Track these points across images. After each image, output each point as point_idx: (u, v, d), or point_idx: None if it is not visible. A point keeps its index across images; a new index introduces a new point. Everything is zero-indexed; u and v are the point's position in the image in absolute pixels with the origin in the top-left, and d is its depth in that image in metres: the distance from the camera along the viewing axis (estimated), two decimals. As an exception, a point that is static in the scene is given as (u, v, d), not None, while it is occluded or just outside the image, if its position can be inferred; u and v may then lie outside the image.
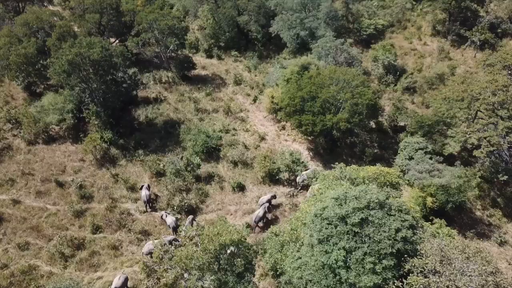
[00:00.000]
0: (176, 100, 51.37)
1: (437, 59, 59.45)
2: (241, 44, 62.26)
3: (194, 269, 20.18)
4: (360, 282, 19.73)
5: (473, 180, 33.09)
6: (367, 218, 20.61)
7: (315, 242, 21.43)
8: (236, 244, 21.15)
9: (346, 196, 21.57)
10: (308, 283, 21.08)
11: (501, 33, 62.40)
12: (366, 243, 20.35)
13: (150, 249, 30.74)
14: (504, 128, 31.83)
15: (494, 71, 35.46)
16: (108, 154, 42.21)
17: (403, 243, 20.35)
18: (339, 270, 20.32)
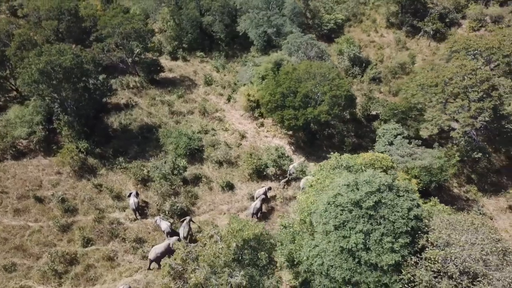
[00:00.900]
0: (148, 104, 50.46)
1: (395, 50, 62.54)
2: (205, 45, 62.05)
3: (220, 266, 20.24)
4: (382, 261, 20.72)
5: (453, 159, 35.39)
6: (380, 200, 21.64)
7: (331, 229, 22.15)
8: (258, 237, 21.45)
9: (356, 182, 22.48)
10: (330, 268, 21.78)
11: (449, 22, 66.61)
12: (382, 224, 21.37)
13: (157, 254, 30.29)
14: (476, 109, 34.32)
15: (460, 57, 38.06)
16: (86, 165, 40.81)
17: (416, 221, 21.59)
18: (359, 253, 21.18)
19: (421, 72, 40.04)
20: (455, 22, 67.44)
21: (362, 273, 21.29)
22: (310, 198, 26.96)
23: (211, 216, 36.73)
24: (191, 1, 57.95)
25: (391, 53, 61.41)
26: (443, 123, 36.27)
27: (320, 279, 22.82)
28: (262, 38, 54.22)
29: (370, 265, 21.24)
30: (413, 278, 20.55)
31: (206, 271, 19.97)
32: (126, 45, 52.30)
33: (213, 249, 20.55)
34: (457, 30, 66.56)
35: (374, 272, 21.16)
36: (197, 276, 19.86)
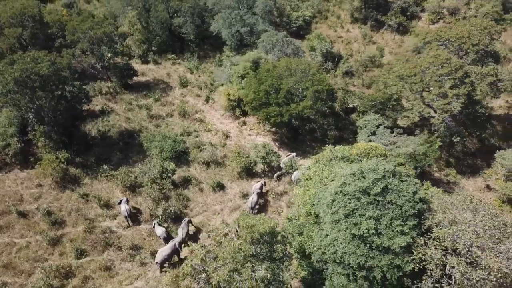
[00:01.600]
0: (125, 109, 49.43)
1: (363, 44, 64.55)
2: (176, 47, 61.40)
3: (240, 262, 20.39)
4: (394, 244, 21.60)
5: (435, 145, 37.17)
6: (386, 186, 22.53)
7: (341, 217, 22.82)
8: (272, 231, 21.76)
9: (362, 170, 23.27)
10: (344, 255, 22.45)
11: (410, 15, 69.57)
12: (390, 209, 22.27)
13: (164, 256, 30.00)
14: (453, 95, 36.22)
15: (433, 47, 39.98)
16: (68, 175, 39.52)
17: (421, 204, 22.66)
18: (371, 238, 21.96)
19: (398, 64, 41.72)
20: (415, 15, 70.56)
21: (374, 257, 22.10)
22: (311, 190, 27.56)
23: (205, 217, 36.65)
24: (160, 3, 57.17)
25: (359, 48, 63.30)
26: (423, 111, 38.02)
27: (333, 267, 23.46)
28: (235, 37, 54.39)
29: (382, 249, 22.07)
30: (424, 257, 21.58)
31: (229, 268, 20.08)
32: (96, 50, 50.92)
33: (232, 246, 20.66)
34: (418, 23, 69.72)
35: (386, 255, 22.03)
36: (220, 274, 19.91)
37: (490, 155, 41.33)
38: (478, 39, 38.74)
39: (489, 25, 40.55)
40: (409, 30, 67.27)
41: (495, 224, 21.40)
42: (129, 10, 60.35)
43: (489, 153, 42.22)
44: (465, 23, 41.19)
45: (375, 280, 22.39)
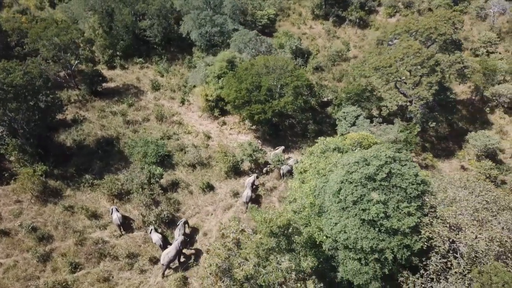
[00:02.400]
0: (98, 117, 48.03)
1: (327, 39, 66.29)
2: (141, 50, 60.29)
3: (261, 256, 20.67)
4: (403, 225, 22.69)
5: (414, 131, 39.03)
6: (390, 171, 23.60)
7: (349, 204, 23.65)
8: (289, 223, 22.18)
9: (365, 158, 24.21)
10: (356, 240, 23.28)
11: (368, 10, 72.28)
12: (395, 192, 23.37)
13: (170, 258, 29.68)
14: (427, 83, 38.25)
15: (403, 39, 41.93)
16: (48, 188, 37.95)
17: (423, 185, 23.93)
18: (381, 222, 22.93)
19: (371, 56, 43.35)
20: (372, 9, 73.39)
21: (384, 239, 23.10)
22: (311, 182, 28.25)
23: (199, 219, 36.46)
24: (125, 7, 55.88)
25: (324, 43, 64.97)
26: (401, 99, 39.86)
27: (345, 253, 24.26)
28: (205, 38, 54.22)
29: (391, 231, 23.12)
30: (431, 235, 22.83)
31: (254, 262, 20.30)
32: (62, 58, 49.11)
33: (253, 241, 20.86)
34: (376, 17, 72.60)
35: (395, 236, 23.09)
36: (246, 269, 20.08)
37: (460, 138, 43.96)
38: (444, 29, 41.13)
39: (452, 16, 43.18)
40: (369, 24, 69.85)
41: (491, 198, 23.05)
42: (90, 14, 58.54)
43: (459, 136, 44.91)
44: (431, 15, 43.56)
45: (386, 262, 23.39)
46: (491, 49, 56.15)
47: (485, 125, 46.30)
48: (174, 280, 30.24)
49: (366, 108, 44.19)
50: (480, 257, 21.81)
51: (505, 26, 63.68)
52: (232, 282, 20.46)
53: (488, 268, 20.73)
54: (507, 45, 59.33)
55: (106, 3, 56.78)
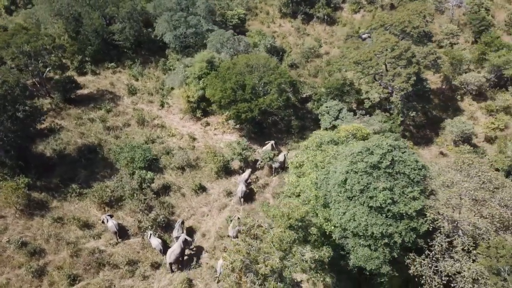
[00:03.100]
0: (76, 124, 46.61)
1: (298, 37, 67.42)
2: (112, 55, 58.89)
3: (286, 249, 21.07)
4: (410, 209, 23.77)
5: (397, 121, 40.63)
6: (393, 159, 24.63)
7: (356, 193, 24.48)
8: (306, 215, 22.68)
9: (368, 147, 25.11)
10: (367, 227, 24.12)
11: (334, 7, 74.10)
12: (399, 179, 24.42)
13: (176, 255, 30.08)
14: (407, 74, 39.97)
15: (379, 33, 43.53)
16: (33, 201, 36.55)
17: (424, 170, 25.14)
18: (388, 207, 23.90)
19: (349, 51, 44.64)
20: (338, 6, 75.32)
21: (392, 224, 24.09)
22: (312, 174, 28.91)
23: (195, 221, 36.32)
24: (94, 11, 54.43)
25: (295, 41, 66.01)
26: (382, 91, 41.39)
27: (355, 241, 25.06)
28: (180, 39, 53.77)
29: (398, 216, 24.15)
30: (435, 217, 24.05)
31: (280, 256, 20.62)
32: (33, 65, 47.28)
33: (275, 235, 21.17)
34: (342, 14, 74.58)
35: (403, 221, 24.14)
36: (271, 263, 20.38)
37: (436, 126, 46.16)
38: (418, 22, 43.09)
39: (423, 9, 45.28)
40: (336, 20, 71.66)
41: (487, 179, 24.61)
42: (57, 20, 56.56)
43: (434, 124, 47.12)
44: (403, 9, 45.47)
45: (395, 245, 24.40)
46: (453, 40, 59.13)
47: (457, 112, 48.86)
48: (180, 283, 30.00)
49: (346, 101, 45.45)
50: (482, 233, 23.24)
51: (462, 19, 67.26)
52: (256, 277, 20.71)
53: (494, 243, 22.16)
54: (466, 36, 62.67)
55: (73, 7, 55.07)
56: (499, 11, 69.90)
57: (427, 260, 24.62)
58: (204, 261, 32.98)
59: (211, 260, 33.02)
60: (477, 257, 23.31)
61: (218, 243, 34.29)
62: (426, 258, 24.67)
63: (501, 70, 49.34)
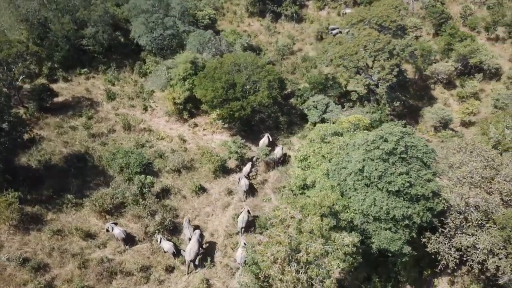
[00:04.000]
0: (57, 134, 44.79)
1: (268, 35, 68.38)
2: (83, 60, 57.00)
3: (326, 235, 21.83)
4: (427, 190, 25.27)
5: (385, 110, 42.50)
6: (406, 144, 26.05)
7: (375, 180, 25.67)
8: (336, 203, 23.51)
9: (381, 135, 26.36)
10: (389, 210, 25.36)
11: (299, 4, 75.79)
12: (414, 163, 25.88)
13: (195, 252, 30.51)
14: (390, 66, 41.95)
15: (360, 27, 45.27)
16: (27, 215, 34.94)
17: (433, 153, 26.78)
18: (406, 190, 25.27)
19: (331, 47, 46.08)
20: (303, 4, 77.14)
21: (410, 206, 25.51)
22: (321, 166, 29.85)
23: (201, 221, 36.23)
24: (64, 16, 52.45)
25: (267, 39, 66.94)
26: (369, 83, 43.15)
27: (375, 225, 26.23)
28: (157, 42, 53.05)
29: (415, 198, 25.60)
30: (449, 196, 25.75)
31: (322, 242, 21.27)
32: (6, 74, 44.95)
33: (315, 223, 21.80)
34: (307, 11, 76.45)
35: (419, 202, 25.62)
36: (314, 250, 21.00)
37: (414, 114, 48.73)
38: (395, 16, 45.31)
39: (398, 4, 47.64)
40: (303, 18, 73.35)
41: (491, 157, 26.68)
42: (23, 25, 53.90)
43: (412, 113, 49.70)
44: (379, 4, 47.53)
45: (414, 226, 25.85)
46: (417, 33, 62.45)
47: (431, 100, 51.82)
48: (199, 284, 29.96)
49: (329, 95, 46.92)
50: (493, 208, 25.21)
51: (421, 12, 71.12)
52: (299, 266, 21.27)
53: (508, 214, 24.14)
54: (428, 29, 66.32)
55: (41, 12, 52.75)
56: (452, 4, 74.44)
57: (441, 237, 26.24)
58: (218, 260, 33.05)
59: (224, 259, 33.18)
60: (489, 230, 25.22)
61: (228, 241, 34.47)
62: (440, 236, 26.28)
63: (467, 59, 52.87)
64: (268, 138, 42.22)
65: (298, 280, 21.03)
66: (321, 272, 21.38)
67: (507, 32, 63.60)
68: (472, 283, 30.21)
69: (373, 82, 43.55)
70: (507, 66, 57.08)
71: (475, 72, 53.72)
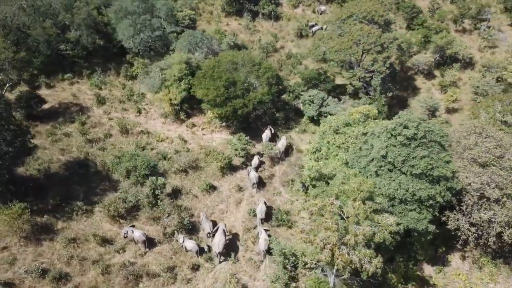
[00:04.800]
0: (52, 141, 43.51)
1: (249, 34, 69.07)
2: (65, 65, 55.37)
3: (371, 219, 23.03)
4: (447, 171, 27.00)
5: (381, 101, 44.35)
6: (424, 129, 27.70)
7: (398, 164, 27.13)
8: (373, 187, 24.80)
9: (401, 122, 27.85)
10: (414, 192, 26.88)
11: (275, 3, 76.99)
12: (433, 146, 27.57)
13: (224, 243, 31.43)
14: (383, 58, 43.88)
15: (350, 23, 46.93)
16: (36, 226, 33.96)
17: (447, 136, 28.59)
18: (429, 172, 26.89)
19: (325, 41, 47.48)
20: (278, 2, 78.42)
21: (432, 187, 27.18)
22: (339, 155, 31.06)
23: (217, 218, 36.48)
24: (44, 20, 50.79)
25: (248, 38, 67.60)
26: (364, 76, 44.91)
27: (401, 207, 27.70)
28: (144, 43, 52.46)
29: (436, 179, 27.30)
30: (467, 175, 27.65)
31: (369, 224, 22.36)
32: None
33: (360, 207, 22.88)
34: (283, 9, 77.82)
35: (440, 183, 27.33)
36: (363, 232, 22.04)
37: (402, 104, 51.12)
38: (382, 11, 47.38)
39: (385, 0, 49.93)
40: (280, 16, 74.65)
41: (499, 137, 28.89)
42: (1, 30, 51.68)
43: (400, 103, 52.06)
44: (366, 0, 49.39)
45: (437, 205, 27.55)
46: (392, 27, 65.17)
47: (415, 90, 54.52)
48: (229, 278, 30.37)
49: (324, 89, 48.36)
50: (507, 183, 27.36)
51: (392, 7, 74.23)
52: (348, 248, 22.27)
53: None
54: (400, 23, 69.44)
55: (20, 17, 50.82)
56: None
57: (459, 214, 28.12)
58: (240, 254, 33.50)
59: (246, 253, 33.68)
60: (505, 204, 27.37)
61: (247, 235, 35.00)
62: (458, 213, 28.17)
63: (444, 50, 56.03)
64: (270, 131, 43.13)
65: (351, 262, 22.10)
66: (368, 252, 22.56)
67: (473, 24, 67.76)
68: (482, 256, 32.51)
69: (368, 75, 45.36)
70: (478, 56, 60.96)
71: (451, 63, 56.96)
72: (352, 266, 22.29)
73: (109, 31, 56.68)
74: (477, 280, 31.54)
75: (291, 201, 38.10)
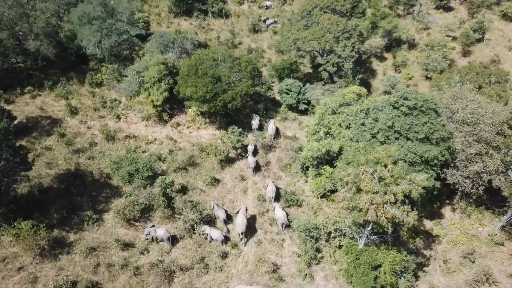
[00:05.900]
0: (34, 156, 41.58)
1: (204, 33, 69.95)
2: (21, 79, 52.59)
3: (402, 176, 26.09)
4: (446, 132, 30.94)
5: (356, 83, 48.08)
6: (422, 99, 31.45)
7: (405, 132, 30.61)
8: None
9: (401, 95, 31.33)
10: (422, 154, 30.45)
11: (221, 1, 78.53)
12: (430, 113, 31.41)
13: (246, 224, 33.20)
14: (352, 44, 47.57)
15: (316, 13, 49.97)
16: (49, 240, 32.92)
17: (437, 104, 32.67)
18: (431, 136, 30.66)
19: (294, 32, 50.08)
20: (223, 0, 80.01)
21: (431, 150, 31.03)
22: (343, 133, 33.99)
23: (228, 208, 37.61)
24: (5, 30, 47.94)
25: (204, 36, 68.47)
26: (337, 62, 48.31)
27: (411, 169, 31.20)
28: (110, 48, 51.50)
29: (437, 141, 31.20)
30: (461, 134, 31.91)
31: (406, 182, 25.30)
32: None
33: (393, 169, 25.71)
34: (229, 7, 79.62)
35: (440, 144, 31.26)
36: (403, 189, 24.88)
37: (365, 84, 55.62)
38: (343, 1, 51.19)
39: (342, -11, 53.74)
40: (228, 13, 76.38)
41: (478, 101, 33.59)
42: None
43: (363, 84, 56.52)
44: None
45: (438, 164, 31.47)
46: (337, 16, 69.99)
47: (373, 71, 59.41)
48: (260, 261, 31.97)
49: (296, 78, 51.18)
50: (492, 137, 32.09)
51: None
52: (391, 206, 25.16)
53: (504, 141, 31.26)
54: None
55: (-29, 29, 47.50)
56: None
57: (454, 170, 32.39)
58: (261, 237, 35.12)
59: (266, 234, 35.39)
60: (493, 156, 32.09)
61: (262, 219, 36.70)
62: (454, 169, 32.42)
63: (391, 34, 61.61)
64: (257, 117, 45.13)
65: (393, 217, 24.94)
66: (406, 207, 25.61)
67: (405, 10, 74.81)
68: (467, 206, 37.41)
69: (341, 60, 48.88)
70: (417, 37, 67.69)
71: (397, 45, 62.78)
72: (396, 220, 25.21)
73: (62, 39, 54.58)
74: (469, 226, 36.33)
75: (293, 183, 40.39)
